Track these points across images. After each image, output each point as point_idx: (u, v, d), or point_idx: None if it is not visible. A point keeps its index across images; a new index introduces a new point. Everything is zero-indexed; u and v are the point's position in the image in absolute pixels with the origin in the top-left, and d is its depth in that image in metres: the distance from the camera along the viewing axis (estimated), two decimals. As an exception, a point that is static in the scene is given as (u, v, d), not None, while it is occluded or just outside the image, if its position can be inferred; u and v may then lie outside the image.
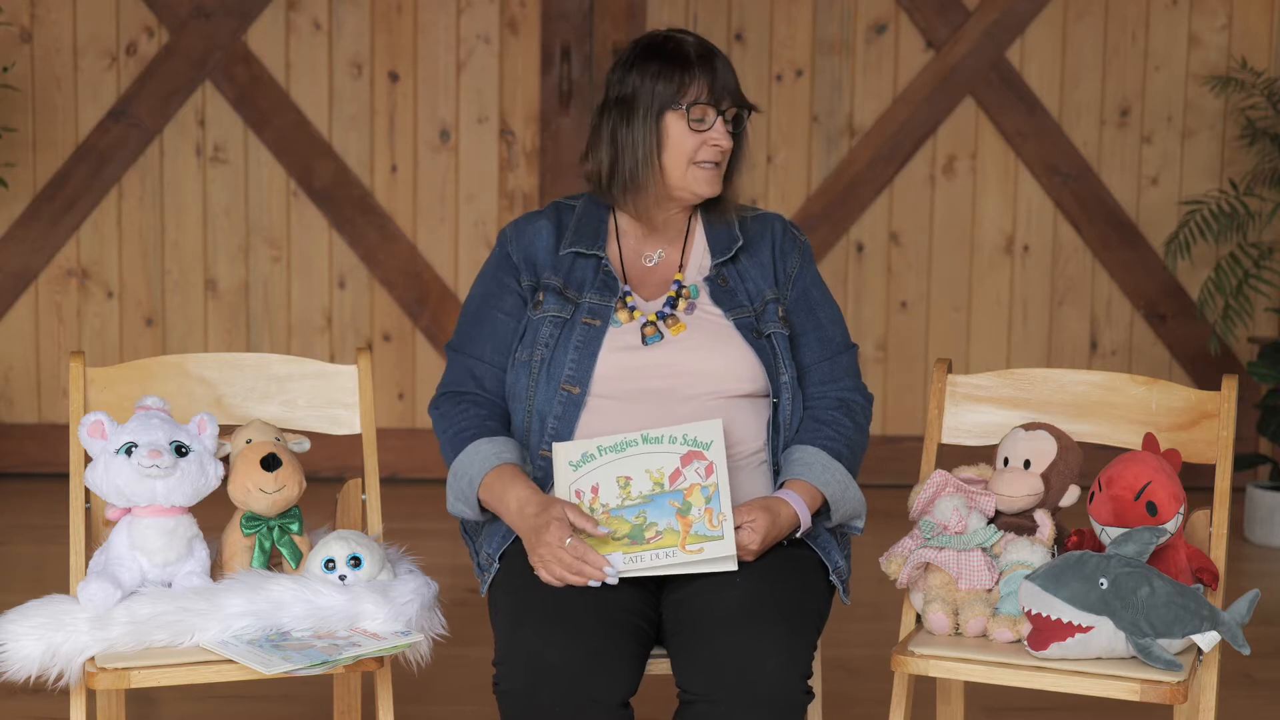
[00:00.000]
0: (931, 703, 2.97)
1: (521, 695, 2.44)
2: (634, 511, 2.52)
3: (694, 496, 2.51)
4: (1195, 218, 5.10)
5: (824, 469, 2.65)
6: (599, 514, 2.52)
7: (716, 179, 2.72)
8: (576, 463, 2.56)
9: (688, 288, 2.73)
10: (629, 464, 2.55)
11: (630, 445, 2.56)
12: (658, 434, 2.56)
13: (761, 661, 2.44)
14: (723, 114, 2.68)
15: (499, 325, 2.74)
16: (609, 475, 2.55)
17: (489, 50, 5.36)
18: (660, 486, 2.52)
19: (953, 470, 2.74)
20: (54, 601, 2.55)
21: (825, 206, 5.41)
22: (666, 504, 2.51)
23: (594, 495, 2.54)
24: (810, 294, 2.79)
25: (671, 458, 2.54)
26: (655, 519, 2.51)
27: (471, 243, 5.42)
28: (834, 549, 2.69)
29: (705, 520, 2.50)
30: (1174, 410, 2.79)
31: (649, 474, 2.54)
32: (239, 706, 3.56)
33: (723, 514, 2.49)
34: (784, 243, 2.80)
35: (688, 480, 2.52)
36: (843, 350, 2.79)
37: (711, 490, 2.51)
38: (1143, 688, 2.44)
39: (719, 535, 2.49)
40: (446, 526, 4.62)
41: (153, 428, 2.61)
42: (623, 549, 2.50)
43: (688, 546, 2.49)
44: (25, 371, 5.43)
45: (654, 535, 2.50)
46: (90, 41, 5.31)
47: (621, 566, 2.49)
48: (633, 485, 2.53)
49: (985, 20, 5.36)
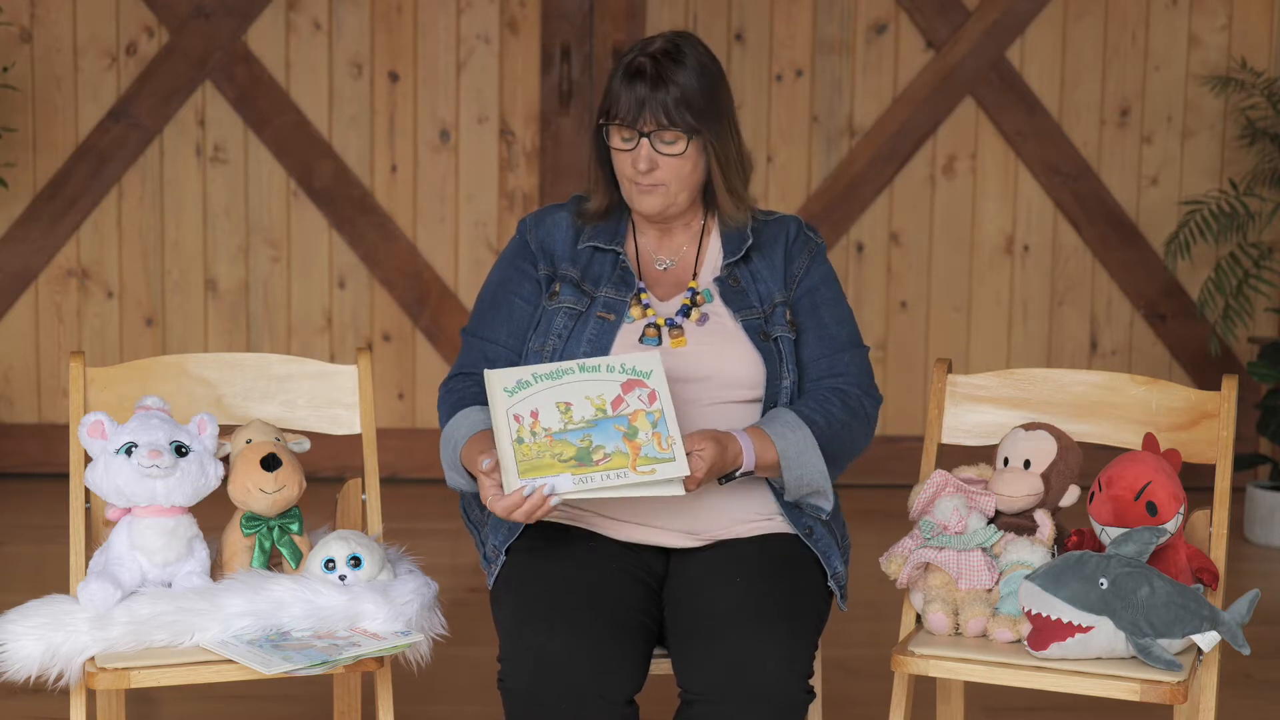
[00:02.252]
0: (931, 703, 2.97)
1: (526, 692, 2.44)
2: (578, 435, 2.45)
3: (640, 421, 2.47)
4: (1195, 218, 5.10)
5: (785, 426, 2.60)
6: (541, 438, 2.45)
7: (650, 198, 2.66)
8: (511, 389, 2.49)
9: (701, 293, 2.71)
10: (567, 390, 2.49)
11: (567, 374, 2.51)
12: (594, 363, 2.52)
13: (763, 661, 2.44)
14: (647, 136, 2.62)
15: (515, 310, 2.74)
16: (547, 401, 2.48)
17: (489, 50, 5.36)
18: (603, 412, 2.48)
19: (953, 470, 2.74)
20: (54, 601, 2.55)
21: (825, 206, 5.41)
22: (612, 428, 2.46)
23: (534, 420, 2.47)
24: (817, 293, 2.75)
25: (612, 385, 2.50)
26: (602, 442, 2.45)
27: (471, 243, 5.42)
28: (834, 554, 2.68)
29: (654, 443, 2.45)
30: (1174, 410, 2.79)
31: (589, 400, 2.48)
32: (239, 706, 3.56)
33: (671, 437, 2.45)
34: (796, 244, 2.77)
35: (631, 406, 2.48)
36: (847, 348, 2.75)
37: (657, 416, 2.47)
38: (1143, 688, 2.44)
39: (670, 457, 2.44)
40: (446, 526, 4.63)
41: (153, 428, 2.61)
42: (570, 470, 2.43)
43: (639, 468, 2.43)
44: (25, 371, 5.43)
45: (602, 458, 2.44)
46: (90, 41, 5.31)
47: (571, 488, 2.42)
48: (574, 411, 2.47)
49: (985, 20, 5.36)
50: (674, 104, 2.60)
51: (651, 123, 2.61)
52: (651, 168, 2.63)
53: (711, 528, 2.66)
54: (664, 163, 2.63)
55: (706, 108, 2.63)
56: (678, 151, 2.63)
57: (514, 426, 2.47)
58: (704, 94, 2.62)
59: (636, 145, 2.63)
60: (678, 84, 2.61)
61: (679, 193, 2.67)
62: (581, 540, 2.64)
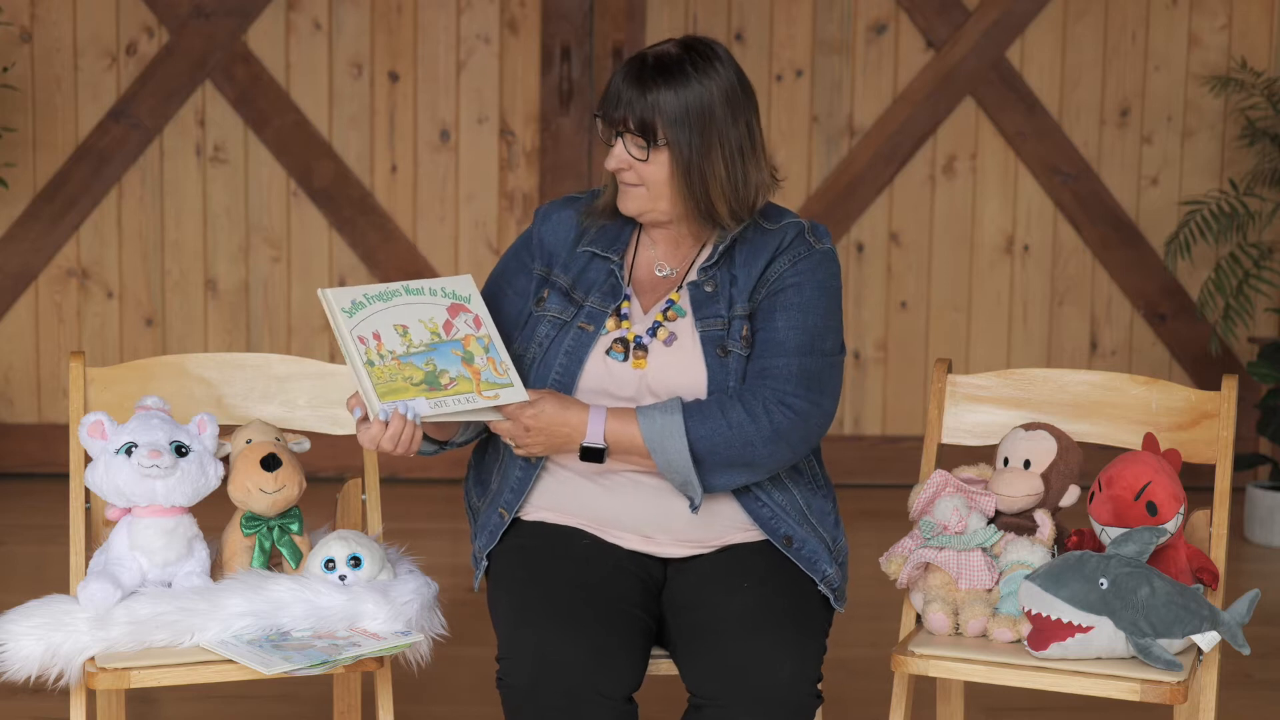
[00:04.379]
0: (931, 703, 2.97)
1: (526, 690, 2.44)
2: (422, 358, 2.52)
3: (472, 346, 2.55)
4: (1195, 218, 5.10)
5: (658, 409, 2.54)
6: (389, 361, 2.51)
7: (631, 198, 2.63)
8: (349, 309, 2.52)
9: (674, 309, 2.65)
10: (401, 313, 2.55)
11: (394, 295, 2.56)
12: (417, 285, 2.59)
13: (773, 666, 2.44)
14: (620, 136, 2.59)
15: (505, 302, 2.73)
16: (385, 323, 2.54)
17: (489, 50, 5.36)
18: (437, 336, 2.55)
19: (953, 470, 2.74)
20: (54, 601, 2.55)
21: (825, 206, 5.41)
22: (450, 353, 2.54)
23: (378, 342, 2.51)
24: (782, 295, 2.63)
25: (439, 309, 2.57)
26: (445, 367, 2.53)
27: (471, 243, 5.42)
28: (822, 559, 2.65)
29: (490, 369, 2.54)
30: (1174, 410, 2.79)
31: (423, 324, 2.55)
32: (239, 706, 3.56)
33: (504, 363, 2.56)
34: (785, 252, 2.66)
35: (460, 331, 2.56)
36: (790, 353, 2.60)
37: (486, 341, 2.56)
38: (1143, 688, 2.44)
39: (508, 382, 2.54)
40: (446, 526, 4.63)
41: (153, 428, 2.61)
42: (424, 394, 2.50)
43: (484, 393, 2.52)
44: (25, 371, 5.43)
45: (449, 382, 2.52)
46: (90, 41, 5.31)
47: (427, 411, 2.49)
48: (411, 334, 2.54)
49: (985, 20, 5.36)
50: (647, 112, 2.56)
51: (624, 124, 2.59)
52: (621, 168, 2.61)
53: (706, 538, 2.65)
54: (637, 166, 2.60)
55: (688, 123, 2.57)
56: (643, 158, 2.59)
57: (361, 349, 2.51)
58: (689, 110, 2.56)
59: (613, 143, 2.62)
60: (656, 94, 2.56)
61: (657, 199, 2.62)
62: (577, 538, 2.64)
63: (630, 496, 2.62)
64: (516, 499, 2.66)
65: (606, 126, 2.61)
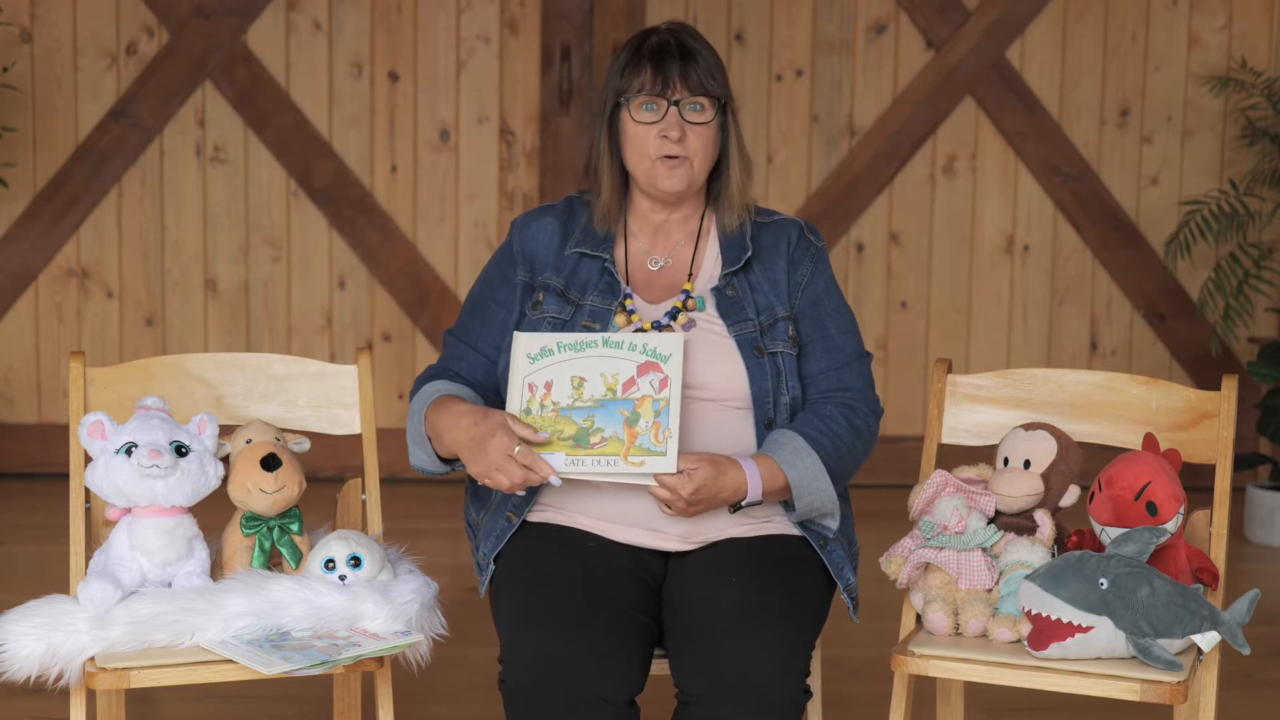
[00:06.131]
0: (931, 703, 2.97)
1: (528, 693, 2.44)
2: (583, 414, 2.51)
3: (644, 408, 2.51)
4: (1195, 218, 5.10)
5: (795, 452, 2.60)
6: (548, 411, 2.51)
7: (679, 173, 2.68)
8: (535, 355, 2.54)
9: (694, 299, 2.70)
10: (586, 365, 2.54)
11: (590, 346, 2.55)
12: (619, 339, 2.56)
13: (761, 662, 2.44)
14: (675, 104, 2.65)
15: (491, 316, 2.74)
16: (564, 374, 2.53)
17: (489, 50, 5.36)
18: (613, 393, 2.52)
19: (953, 470, 2.74)
20: (54, 601, 2.55)
21: (825, 206, 5.41)
22: (616, 411, 2.51)
23: (546, 391, 2.52)
24: (821, 303, 2.74)
25: (629, 365, 2.53)
26: (602, 425, 2.50)
27: (471, 243, 5.42)
28: (846, 566, 2.68)
29: (651, 434, 2.49)
30: (1174, 410, 2.79)
31: (603, 378, 2.53)
32: (239, 706, 3.56)
33: (669, 430, 2.49)
34: (798, 250, 2.74)
35: (641, 390, 2.52)
36: (852, 360, 2.74)
37: (662, 405, 2.51)
38: (1143, 688, 2.44)
39: (662, 452, 2.49)
40: (446, 526, 4.62)
41: (153, 428, 2.61)
42: (566, 450, 2.50)
43: (630, 458, 2.49)
44: (25, 371, 5.43)
45: (599, 441, 2.49)
46: (90, 41, 5.31)
47: (563, 468, 2.49)
48: (586, 387, 2.52)
49: (985, 20, 5.36)
50: (702, 73, 2.67)
51: (681, 90, 2.65)
52: (682, 136, 2.65)
53: (709, 531, 2.65)
54: (692, 132, 2.66)
55: (725, 82, 2.71)
56: (706, 119, 2.66)
57: (525, 396, 2.52)
58: (721, 70, 2.71)
59: (664, 115, 2.65)
60: (703, 55, 2.68)
61: (701, 169, 2.70)
62: (581, 540, 2.64)
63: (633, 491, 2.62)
64: (526, 503, 2.66)
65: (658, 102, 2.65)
